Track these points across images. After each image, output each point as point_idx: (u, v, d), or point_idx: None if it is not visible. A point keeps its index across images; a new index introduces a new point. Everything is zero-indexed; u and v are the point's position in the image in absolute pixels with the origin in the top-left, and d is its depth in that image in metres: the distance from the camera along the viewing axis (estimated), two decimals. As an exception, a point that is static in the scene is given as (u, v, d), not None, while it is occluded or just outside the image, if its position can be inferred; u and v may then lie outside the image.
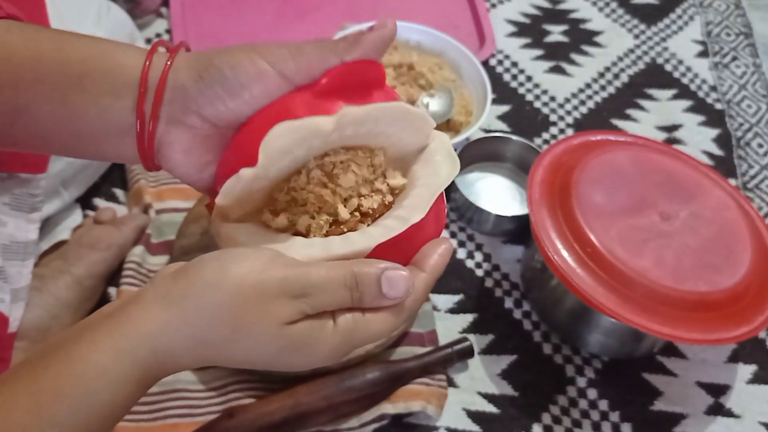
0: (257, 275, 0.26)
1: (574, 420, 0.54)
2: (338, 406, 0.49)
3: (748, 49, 0.83)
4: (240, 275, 0.26)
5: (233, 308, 0.26)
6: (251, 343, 0.26)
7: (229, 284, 0.26)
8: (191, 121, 0.29)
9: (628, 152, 0.59)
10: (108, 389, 0.25)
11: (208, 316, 0.26)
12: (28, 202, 0.48)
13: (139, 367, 0.26)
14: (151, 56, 0.29)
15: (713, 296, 0.50)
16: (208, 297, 0.26)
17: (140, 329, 0.26)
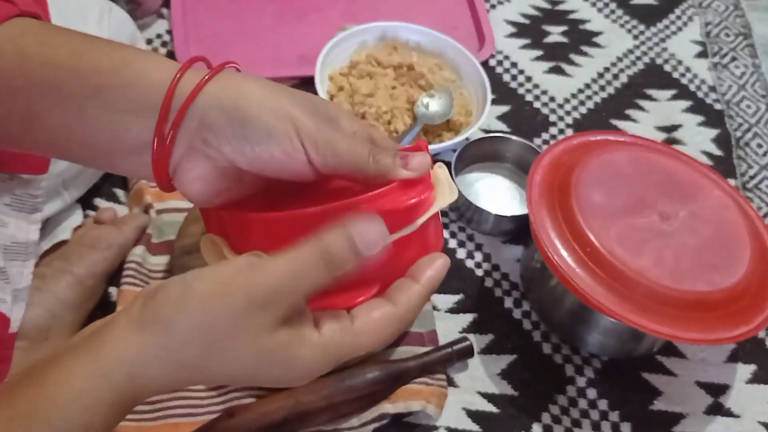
0: (221, 289, 0.25)
1: (574, 420, 0.54)
2: (338, 405, 0.49)
3: (748, 50, 0.83)
4: (204, 293, 0.25)
5: (203, 328, 0.25)
6: (227, 359, 0.25)
7: (195, 303, 0.25)
8: (211, 153, 0.28)
9: (628, 152, 0.59)
10: (83, 413, 0.25)
11: (179, 337, 0.25)
12: (30, 202, 0.48)
13: (115, 391, 0.25)
14: (181, 75, 0.28)
15: (712, 296, 0.51)
16: (177, 318, 0.25)
17: (115, 353, 0.25)
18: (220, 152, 0.28)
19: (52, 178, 0.52)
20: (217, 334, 0.25)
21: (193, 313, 0.25)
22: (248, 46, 0.74)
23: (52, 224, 0.56)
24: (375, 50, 0.72)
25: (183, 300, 0.25)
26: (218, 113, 0.28)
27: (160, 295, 0.26)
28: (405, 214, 0.28)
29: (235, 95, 0.28)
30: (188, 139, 0.28)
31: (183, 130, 0.28)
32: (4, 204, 0.46)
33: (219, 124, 0.28)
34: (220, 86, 0.28)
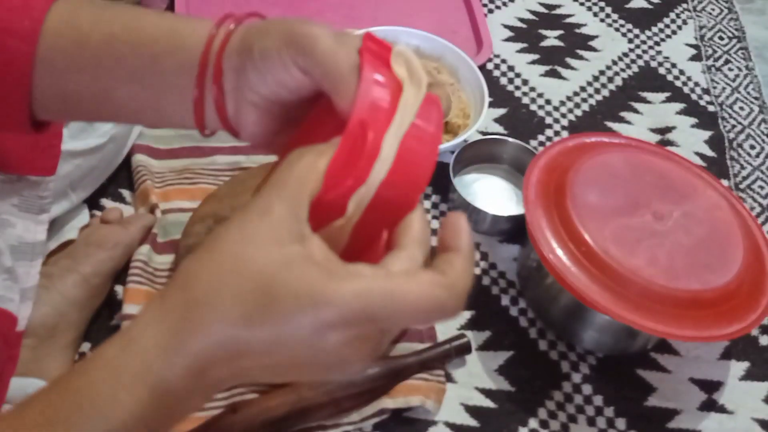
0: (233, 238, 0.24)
1: (570, 415, 0.55)
2: (340, 400, 0.50)
3: (741, 53, 0.84)
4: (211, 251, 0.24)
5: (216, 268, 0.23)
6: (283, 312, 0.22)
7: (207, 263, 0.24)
8: (250, 97, 0.29)
9: (622, 154, 0.60)
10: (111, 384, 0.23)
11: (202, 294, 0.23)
12: (37, 203, 0.48)
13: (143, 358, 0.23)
14: (214, 34, 0.29)
15: (706, 294, 0.51)
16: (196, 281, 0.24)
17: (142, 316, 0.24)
18: (254, 91, 0.29)
19: (60, 180, 0.52)
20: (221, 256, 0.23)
21: (200, 253, 0.24)
22: (250, 50, 0.75)
23: (59, 224, 0.57)
24: (374, 54, 0.73)
25: (192, 255, 0.24)
26: (239, 60, 0.29)
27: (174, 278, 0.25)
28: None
29: (250, 38, 0.29)
30: (233, 89, 0.29)
31: (226, 80, 0.29)
32: (12, 205, 0.47)
33: (241, 68, 0.29)
34: (244, 33, 0.29)
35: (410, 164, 0.26)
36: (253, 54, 0.28)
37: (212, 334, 0.23)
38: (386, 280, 0.23)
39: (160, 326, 0.24)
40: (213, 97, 0.30)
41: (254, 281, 0.23)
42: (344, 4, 0.82)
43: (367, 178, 0.25)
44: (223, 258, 0.23)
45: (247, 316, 0.23)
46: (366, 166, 0.25)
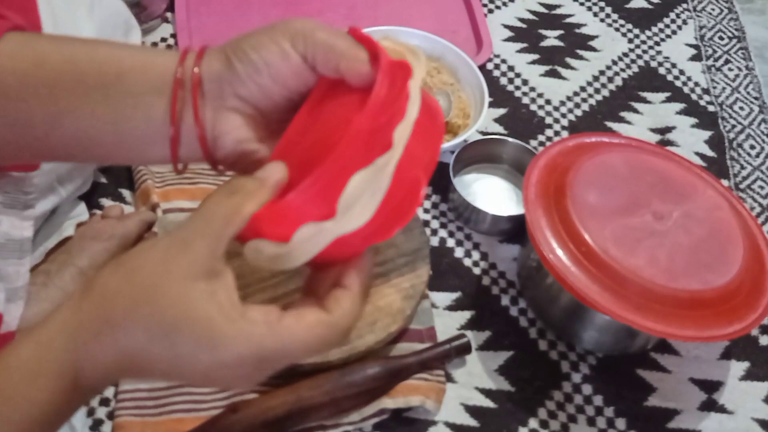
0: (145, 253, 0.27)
1: (570, 415, 0.55)
2: (340, 400, 0.50)
3: (741, 53, 0.84)
4: (131, 258, 0.27)
5: (128, 280, 0.26)
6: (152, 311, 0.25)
7: (123, 267, 0.27)
8: (232, 103, 0.29)
9: (622, 154, 0.60)
10: (27, 385, 0.26)
11: (110, 294, 0.26)
12: (21, 200, 0.47)
13: (57, 361, 0.26)
14: (185, 55, 0.30)
15: (706, 294, 0.51)
16: (107, 280, 0.27)
17: (56, 322, 0.26)
18: (238, 96, 0.29)
19: (45, 175, 0.51)
20: (140, 281, 0.26)
21: (121, 272, 0.26)
22: (250, 50, 0.76)
23: (57, 222, 0.56)
24: (374, 54, 0.73)
25: (113, 267, 0.27)
26: (223, 61, 0.29)
27: (102, 268, 0.27)
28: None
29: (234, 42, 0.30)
30: (211, 103, 0.29)
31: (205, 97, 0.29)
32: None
33: (228, 71, 0.29)
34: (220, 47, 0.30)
35: (431, 110, 0.28)
36: (245, 51, 0.29)
37: (119, 351, 0.26)
38: (276, 326, 0.26)
39: (71, 334, 0.26)
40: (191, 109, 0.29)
41: (164, 313, 0.26)
42: (344, 4, 0.82)
43: (405, 115, 0.27)
44: (142, 287, 0.26)
45: (153, 343, 0.26)
46: (404, 103, 0.27)
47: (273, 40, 0.29)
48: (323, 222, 0.26)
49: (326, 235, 0.26)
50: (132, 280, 0.26)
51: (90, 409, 0.51)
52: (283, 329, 0.26)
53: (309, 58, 0.29)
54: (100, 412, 0.51)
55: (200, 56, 0.30)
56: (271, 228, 0.27)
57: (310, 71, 0.29)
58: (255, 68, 0.29)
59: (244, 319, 0.26)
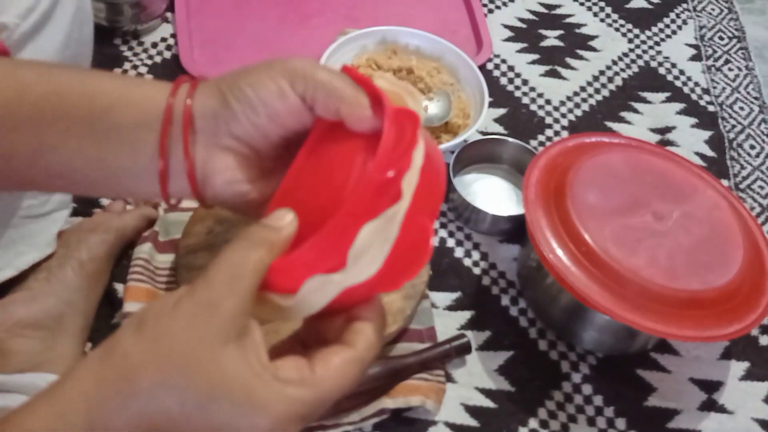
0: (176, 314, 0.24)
1: (570, 415, 0.55)
2: (339, 400, 0.50)
3: (741, 53, 0.84)
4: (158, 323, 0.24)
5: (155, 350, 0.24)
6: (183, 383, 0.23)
7: (149, 333, 0.24)
8: (226, 143, 0.28)
9: (622, 154, 0.60)
10: None
11: (135, 363, 0.24)
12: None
13: (75, 427, 0.24)
14: (177, 87, 0.28)
15: (706, 294, 0.51)
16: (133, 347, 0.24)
17: (74, 388, 0.24)
18: (233, 135, 0.28)
19: None
20: (167, 350, 0.24)
21: (145, 340, 0.24)
22: (251, 49, 0.76)
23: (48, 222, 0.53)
24: (375, 54, 0.73)
25: (134, 333, 0.25)
26: (218, 98, 0.28)
27: (120, 332, 0.25)
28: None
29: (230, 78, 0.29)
30: (204, 141, 0.29)
31: (198, 133, 0.28)
32: None
33: (224, 109, 0.28)
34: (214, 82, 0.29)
35: (433, 155, 0.28)
36: (241, 89, 0.28)
37: (148, 422, 0.24)
38: (311, 381, 0.25)
39: (94, 409, 0.24)
40: (181, 144, 0.28)
41: (198, 383, 0.24)
42: (344, 4, 0.82)
43: (411, 163, 0.27)
44: (170, 356, 0.24)
45: (188, 416, 0.24)
46: (410, 151, 0.27)
47: (271, 79, 0.28)
48: (332, 274, 0.26)
49: (334, 287, 0.26)
50: (158, 349, 0.24)
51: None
52: (318, 382, 0.25)
53: (308, 99, 0.28)
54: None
55: (193, 89, 0.29)
56: (278, 279, 0.26)
57: (308, 112, 0.29)
58: (251, 107, 0.28)
59: (279, 380, 0.25)
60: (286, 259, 0.26)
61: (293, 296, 0.26)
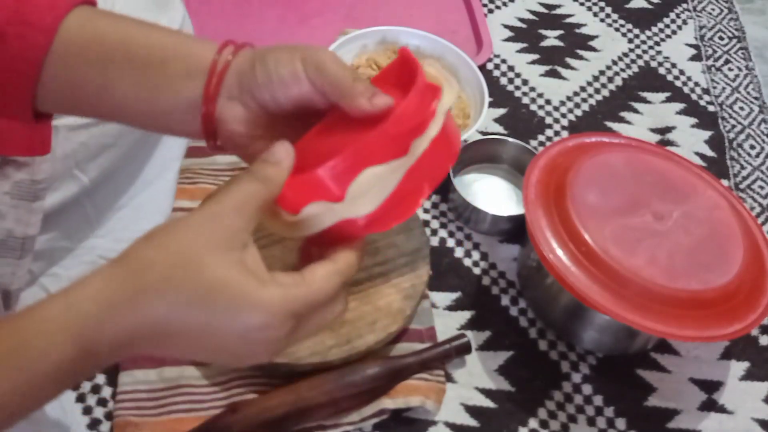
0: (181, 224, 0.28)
1: (570, 415, 0.55)
2: (339, 401, 0.50)
3: (741, 53, 0.84)
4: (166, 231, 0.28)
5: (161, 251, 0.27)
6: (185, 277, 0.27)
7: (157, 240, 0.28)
8: (245, 100, 0.33)
9: (622, 154, 0.60)
10: (45, 337, 0.26)
11: (143, 261, 0.27)
12: (31, 189, 0.44)
13: (79, 324, 0.27)
14: (223, 48, 0.34)
15: (706, 294, 0.51)
16: (142, 249, 0.28)
17: (89, 285, 0.27)
18: (252, 96, 0.33)
19: (60, 160, 0.48)
20: (175, 250, 0.27)
21: (155, 243, 0.28)
22: (250, 49, 0.76)
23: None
24: (375, 54, 0.73)
25: (146, 239, 0.28)
26: (249, 62, 0.33)
27: (132, 243, 0.29)
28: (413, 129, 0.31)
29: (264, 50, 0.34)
30: (228, 92, 0.33)
31: (225, 84, 0.33)
32: (4, 193, 0.43)
33: (250, 72, 0.33)
34: (252, 50, 0.34)
35: (450, 134, 0.32)
36: (267, 61, 0.32)
37: (152, 317, 0.27)
38: (302, 282, 0.29)
39: (104, 300, 0.27)
40: (209, 97, 0.33)
41: (201, 279, 0.27)
42: (344, 4, 0.82)
43: (425, 130, 0.31)
44: (177, 255, 0.27)
45: (189, 305, 0.27)
46: (428, 120, 0.31)
47: (291, 61, 0.32)
48: (332, 203, 0.29)
49: (332, 216, 0.30)
50: (167, 249, 0.27)
51: (86, 408, 0.51)
52: (307, 282, 0.29)
53: (318, 87, 0.32)
54: (98, 411, 0.51)
55: (237, 51, 0.34)
56: (287, 198, 0.30)
57: (320, 96, 0.33)
58: (270, 79, 0.32)
59: (274, 281, 0.28)
60: (298, 179, 0.30)
61: (297, 215, 0.30)
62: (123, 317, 0.27)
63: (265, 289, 0.27)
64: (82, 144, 0.50)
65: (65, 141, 0.49)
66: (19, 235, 0.45)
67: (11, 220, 0.44)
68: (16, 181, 0.44)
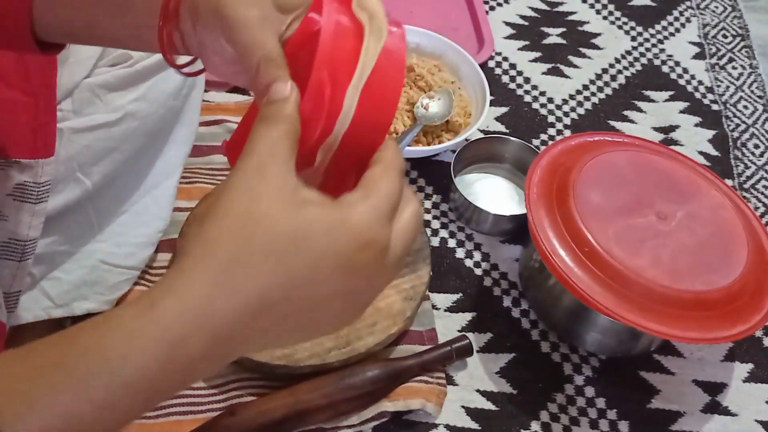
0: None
1: (572, 417, 0.54)
2: (338, 403, 0.49)
3: (745, 51, 0.83)
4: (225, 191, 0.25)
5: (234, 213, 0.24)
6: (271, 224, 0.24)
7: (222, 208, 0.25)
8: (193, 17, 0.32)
9: (626, 153, 0.59)
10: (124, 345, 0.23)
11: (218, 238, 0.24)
12: (34, 192, 0.44)
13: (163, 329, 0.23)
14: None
15: (710, 295, 0.51)
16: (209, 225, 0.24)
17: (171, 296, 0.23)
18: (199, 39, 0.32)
19: (63, 163, 0.48)
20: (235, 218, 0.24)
21: (210, 219, 0.25)
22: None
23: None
24: (375, 52, 0.73)
25: (197, 223, 0.26)
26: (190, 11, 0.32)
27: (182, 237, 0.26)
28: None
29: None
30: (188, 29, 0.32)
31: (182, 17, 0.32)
32: (6, 194, 0.43)
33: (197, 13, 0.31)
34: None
35: (372, 112, 0.28)
36: (198, 12, 0.31)
37: (248, 291, 0.24)
38: (371, 191, 0.26)
39: (184, 294, 0.24)
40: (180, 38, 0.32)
41: (281, 232, 0.24)
42: (344, 1, 0.81)
43: (332, 131, 0.27)
44: (239, 220, 0.24)
45: (281, 261, 0.24)
46: (329, 120, 0.27)
47: (206, 19, 0.30)
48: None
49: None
50: (226, 221, 0.24)
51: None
52: (374, 189, 0.26)
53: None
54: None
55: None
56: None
57: None
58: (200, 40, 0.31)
59: (346, 202, 0.26)
60: None
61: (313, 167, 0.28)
62: (214, 306, 0.23)
63: (344, 210, 0.25)
64: (85, 147, 0.50)
65: (69, 143, 0.49)
66: (21, 237, 0.44)
67: (13, 222, 0.43)
68: (19, 183, 0.43)
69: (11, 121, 0.43)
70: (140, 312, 0.23)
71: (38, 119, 0.44)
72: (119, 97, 0.51)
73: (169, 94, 0.54)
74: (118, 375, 0.23)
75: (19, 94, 0.43)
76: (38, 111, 0.44)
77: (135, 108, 0.52)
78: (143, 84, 0.52)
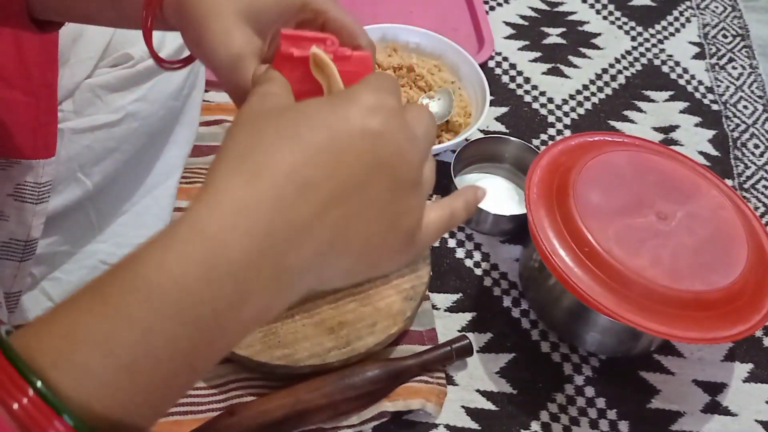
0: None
1: (572, 417, 0.54)
2: (338, 403, 0.49)
3: (745, 51, 0.83)
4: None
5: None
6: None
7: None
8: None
9: (626, 153, 0.59)
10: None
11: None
12: (35, 192, 0.44)
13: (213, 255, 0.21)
14: None
15: (710, 295, 0.51)
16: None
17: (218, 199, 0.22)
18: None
19: (64, 163, 0.48)
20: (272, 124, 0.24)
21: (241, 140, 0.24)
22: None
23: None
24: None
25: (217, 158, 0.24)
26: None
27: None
28: None
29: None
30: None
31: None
32: (7, 195, 0.43)
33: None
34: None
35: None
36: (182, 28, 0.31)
37: (272, 175, 0.22)
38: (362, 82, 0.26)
39: (216, 192, 0.22)
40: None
41: (280, 116, 0.24)
42: (343, 2, 0.80)
43: None
44: (245, 117, 0.25)
45: (295, 138, 0.23)
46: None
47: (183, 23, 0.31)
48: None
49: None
50: (235, 127, 0.24)
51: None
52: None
53: None
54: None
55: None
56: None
57: None
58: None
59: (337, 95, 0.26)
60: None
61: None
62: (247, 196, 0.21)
63: (341, 95, 0.25)
64: (86, 147, 0.50)
65: (70, 144, 0.49)
66: (22, 237, 0.44)
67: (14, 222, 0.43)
68: (20, 183, 0.43)
69: (12, 121, 0.43)
70: (171, 226, 0.21)
71: (39, 120, 0.45)
72: (120, 98, 0.51)
73: (169, 94, 0.54)
74: (157, 286, 0.20)
75: (19, 95, 0.43)
76: (39, 111, 0.44)
77: (136, 108, 0.52)
78: (144, 85, 0.52)
